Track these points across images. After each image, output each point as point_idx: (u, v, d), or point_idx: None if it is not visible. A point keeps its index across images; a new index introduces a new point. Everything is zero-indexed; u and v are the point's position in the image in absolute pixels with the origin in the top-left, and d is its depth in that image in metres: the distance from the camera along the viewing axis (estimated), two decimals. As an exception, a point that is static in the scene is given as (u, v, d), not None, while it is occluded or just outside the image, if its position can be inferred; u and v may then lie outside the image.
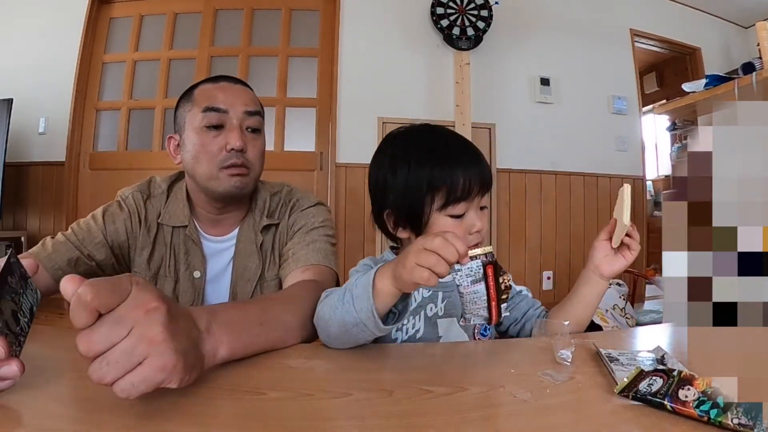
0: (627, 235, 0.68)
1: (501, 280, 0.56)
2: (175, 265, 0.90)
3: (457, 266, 0.51)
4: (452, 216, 0.67)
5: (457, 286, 0.56)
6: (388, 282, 0.52)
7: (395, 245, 0.79)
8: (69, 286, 0.35)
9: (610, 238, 0.70)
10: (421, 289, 0.72)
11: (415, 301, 0.72)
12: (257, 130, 0.88)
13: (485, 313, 0.58)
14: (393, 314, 0.55)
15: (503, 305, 0.57)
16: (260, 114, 0.89)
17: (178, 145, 0.88)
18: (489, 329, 0.77)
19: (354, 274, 0.68)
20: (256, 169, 0.88)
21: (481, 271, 0.54)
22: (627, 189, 0.66)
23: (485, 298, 0.56)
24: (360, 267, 0.73)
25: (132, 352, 0.36)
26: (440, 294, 0.74)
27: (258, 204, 0.92)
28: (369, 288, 0.52)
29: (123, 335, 0.36)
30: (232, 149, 0.82)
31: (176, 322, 0.40)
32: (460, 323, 0.63)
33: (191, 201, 0.92)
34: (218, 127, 0.84)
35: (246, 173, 0.85)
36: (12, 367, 0.39)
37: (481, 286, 0.55)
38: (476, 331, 0.76)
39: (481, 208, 0.69)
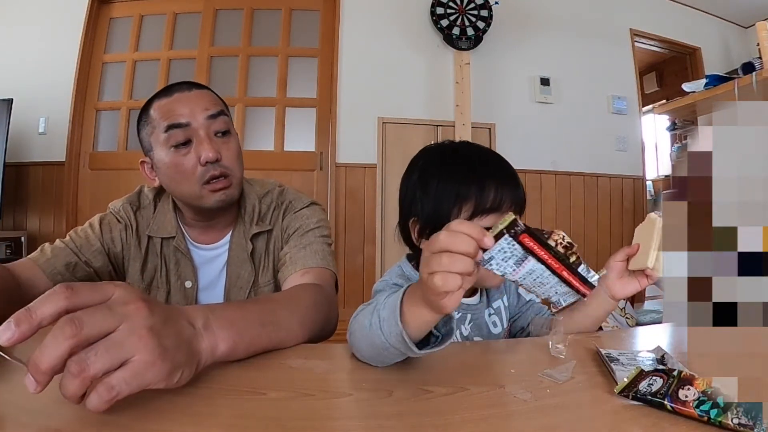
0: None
1: (554, 243, 0.43)
2: (167, 276, 0.89)
3: (486, 255, 0.42)
4: None
5: (504, 276, 0.44)
6: (422, 310, 0.44)
7: (411, 252, 0.77)
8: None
9: (628, 260, 0.65)
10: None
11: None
12: (226, 132, 0.83)
13: (567, 290, 0.45)
14: (435, 337, 0.49)
15: (583, 268, 0.44)
16: (224, 113, 0.84)
17: (152, 167, 0.85)
18: None
19: (378, 294, 0.65)
20: (237, 174, 0.84)
21: (517, 246, 0.42)
22: (659, 224, 0.59)
23: (548, 272, 0.43)
24: (386, 285, 0.69)
25: (122, 345, 0.36)
26: (468, 316, 0.73)
27: (247, 210, 0.90)
28: (396, 311, 0.46)
29: (113, 327, 0.36)
30: (207, 162, 0.79)
31: (163, 320, 0.40)
32: (553, 312, 0.52)
33: (179, 210, 0.90)
34: (186, 143, 0.79)
35: (228, 184, 0.82)
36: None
37: (532, 262, 0.43)
38: None
39: None
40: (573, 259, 0.43)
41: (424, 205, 0.69)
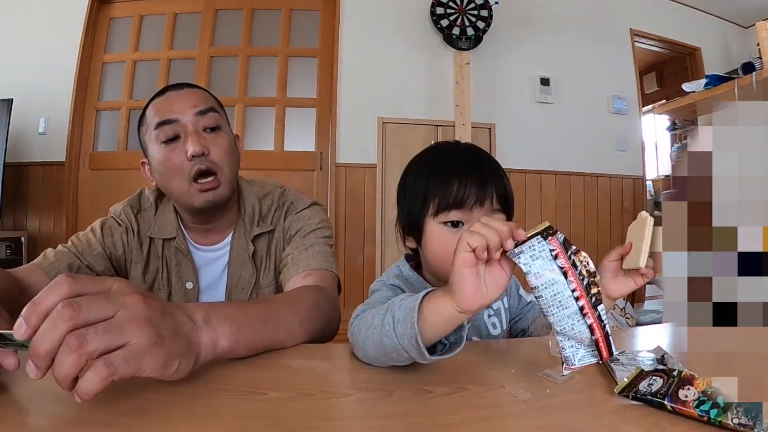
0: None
1: (579, 261, 0.43)
2: (168, 278, 0.90)
3: (516, 249, 0.43)
4: (446, 224, 0.65)
5: (525, 274, 0.44)
6: (444, 302, 0.45)
7: (409, 253, 0.77)
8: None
9: (621, 259, 0.64)
10: None
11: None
12: (216, 128, 0.83)
13: (583, 330, 0.43)
14: (443, 345, 0.49)
15: (602, 312, 0.43)
16: (215, 110, 0.84)
17: (150, 168, 0.86)
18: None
19: (376, 293, 0.66)
20: (226, 171, 0.83)
21: (546, 247, 0.43)
22: (650, 222, 0.58)
23: (568, 291, 0.43)
24: (383, 284, 0.69)
25: (122, 328, 0.37)
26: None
27: (247, 211, 0.90)
28: (414, 313, 0.45)
29: (111, 313, 0.37)
30: (193, 156, 0.79)
31: (161, 313, 0.41)
32: (564, 371, 0.50)
33: (179, 212, 0.90)
34: (175, 138, 0.80)
35: (217, 185, 0.81)
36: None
37: (556, 273, 0.43)
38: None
39: None
40: (594, 291, 0.43)
41: (403, 205, 0.71)
